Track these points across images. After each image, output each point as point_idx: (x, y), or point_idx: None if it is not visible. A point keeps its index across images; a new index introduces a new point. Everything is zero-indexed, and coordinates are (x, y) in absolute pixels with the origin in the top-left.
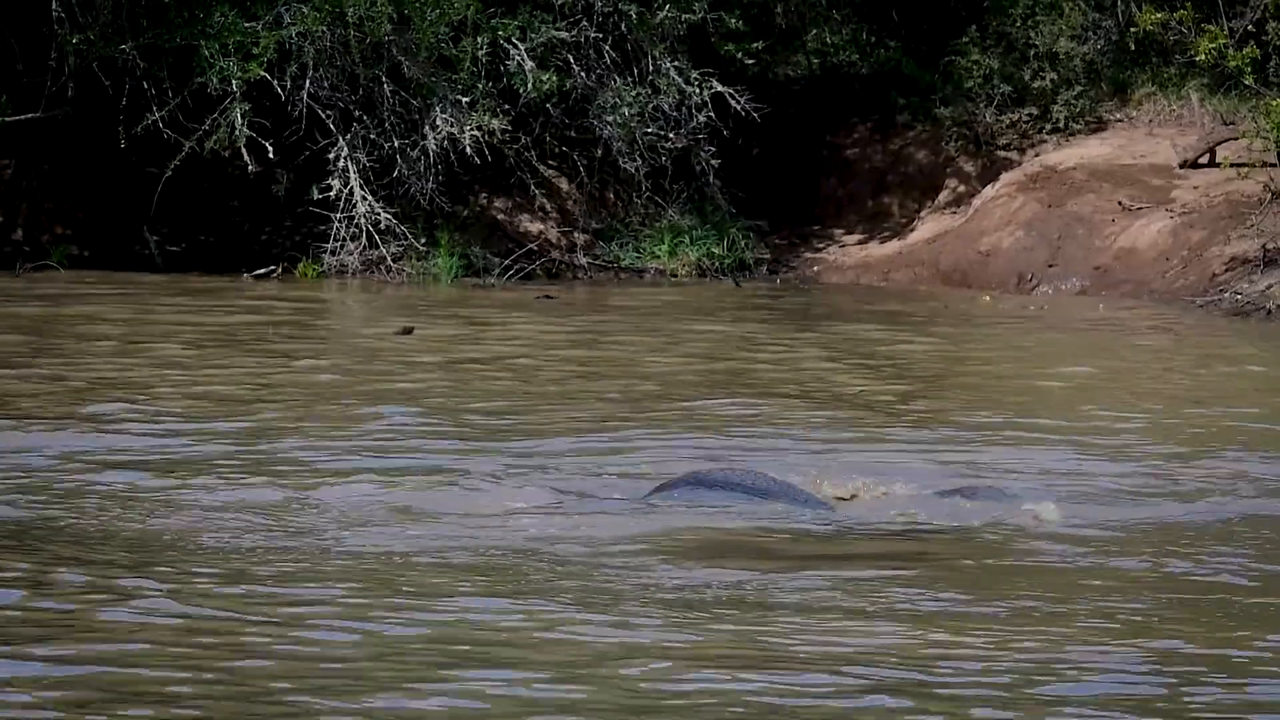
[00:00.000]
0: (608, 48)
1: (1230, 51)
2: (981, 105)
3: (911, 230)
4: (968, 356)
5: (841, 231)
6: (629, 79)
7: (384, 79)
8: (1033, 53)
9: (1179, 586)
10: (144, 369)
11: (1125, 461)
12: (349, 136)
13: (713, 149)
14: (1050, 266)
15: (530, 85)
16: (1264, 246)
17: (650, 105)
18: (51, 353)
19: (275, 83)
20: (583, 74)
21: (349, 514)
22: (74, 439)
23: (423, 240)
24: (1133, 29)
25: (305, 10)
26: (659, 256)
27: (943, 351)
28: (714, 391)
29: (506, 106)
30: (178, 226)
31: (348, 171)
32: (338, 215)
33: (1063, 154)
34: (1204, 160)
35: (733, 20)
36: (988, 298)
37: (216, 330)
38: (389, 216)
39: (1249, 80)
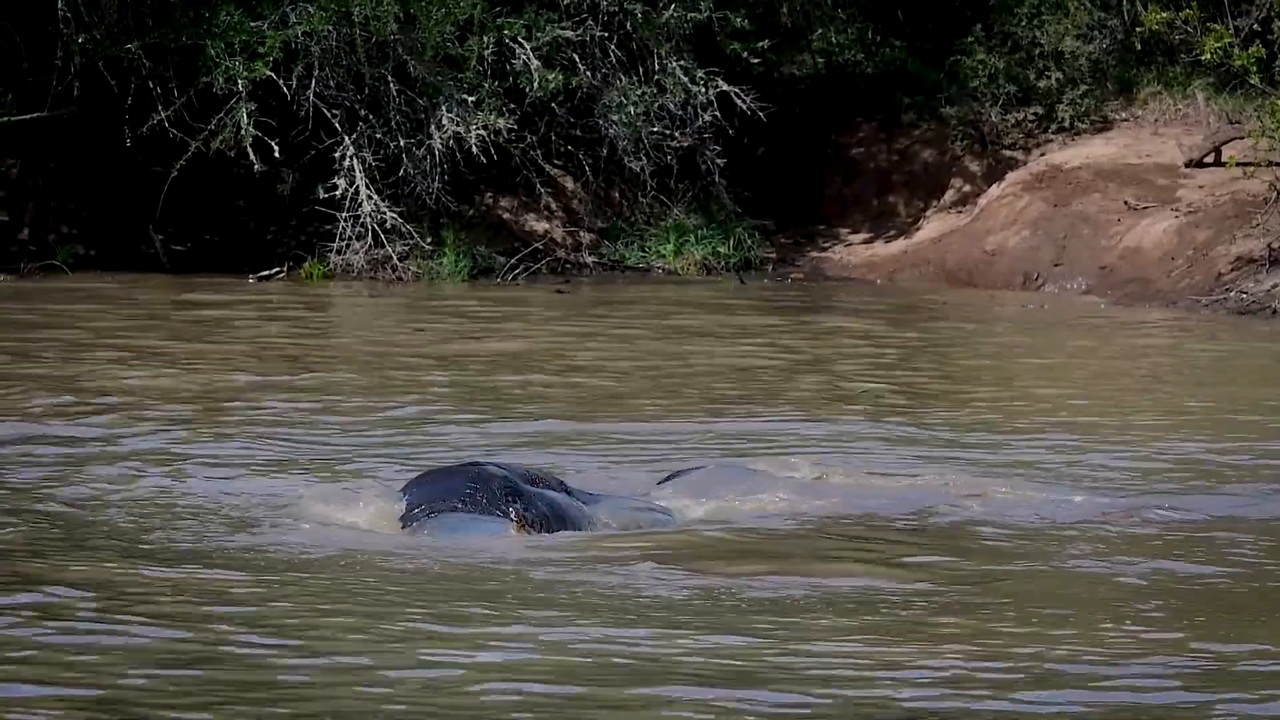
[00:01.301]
0: (613, 47)
1: (1236, 50)
2: (987, 104)
3: (917, 229)
4: (967, 356)
5: (847, 230)
6: (634, 78)
7: (390, 78)
8: (1038, 52)
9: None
10: (141, 369)
11: (1126, 460)
12: (355, 136)
13: (718, 148)
14: (1056, 266)
15: (536, 84)
16: (1270, 246)
17: (656, 104)
18: (51, 352)
19: (281, 82)
20: (588, 73)
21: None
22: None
23: (428, 239)
24: (1138, 28)
25: (311, 10)
26: (664, 255)
27: (943, 351)
28: (713, 392)
29: (512, 106)
30: (183, 226)
31: (353, 171)
32: (343, 215)
33: (1068, 153)
34: (1210, 159)
35: (738, 19)
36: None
37: (215, 330)
38: (395, 216)
39: (1255, 79)
